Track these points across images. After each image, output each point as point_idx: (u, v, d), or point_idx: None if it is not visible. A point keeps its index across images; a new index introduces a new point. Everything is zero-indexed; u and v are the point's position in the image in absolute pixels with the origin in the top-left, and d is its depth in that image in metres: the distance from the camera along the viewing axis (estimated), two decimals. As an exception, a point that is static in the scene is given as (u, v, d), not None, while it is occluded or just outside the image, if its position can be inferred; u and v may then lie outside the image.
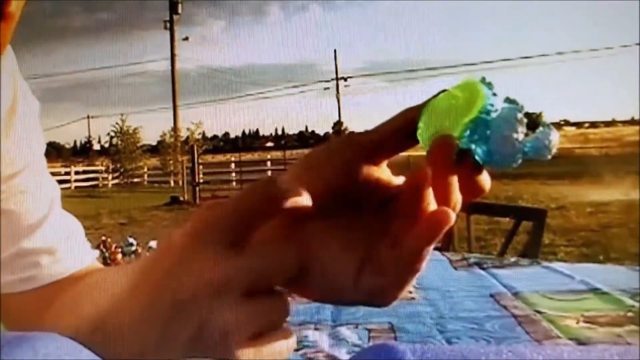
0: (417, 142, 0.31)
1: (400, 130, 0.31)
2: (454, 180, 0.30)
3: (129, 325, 0.28)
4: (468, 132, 0.29)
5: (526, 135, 0.30)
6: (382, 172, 0.33)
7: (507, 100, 0.30)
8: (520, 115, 0.30)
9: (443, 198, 0.30)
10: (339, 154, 0.32)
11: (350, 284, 0.31)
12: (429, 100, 0.31)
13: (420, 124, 0.31)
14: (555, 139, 0.30)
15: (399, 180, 0.33)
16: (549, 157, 0.30)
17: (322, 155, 0.33)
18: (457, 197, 0.30)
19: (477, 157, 0.30)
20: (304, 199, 0.30)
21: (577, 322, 0.80)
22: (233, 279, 0.28)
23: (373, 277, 0.31)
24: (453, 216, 0.29)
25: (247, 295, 0.28)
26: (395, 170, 0.33)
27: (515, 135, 0.29)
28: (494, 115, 0.29)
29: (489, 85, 0.30)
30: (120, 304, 0.29)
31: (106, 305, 0.29)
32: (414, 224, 0.30)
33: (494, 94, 0.30)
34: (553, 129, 0.30)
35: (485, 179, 0.31)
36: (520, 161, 0.30)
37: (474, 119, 0.29)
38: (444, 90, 0.31)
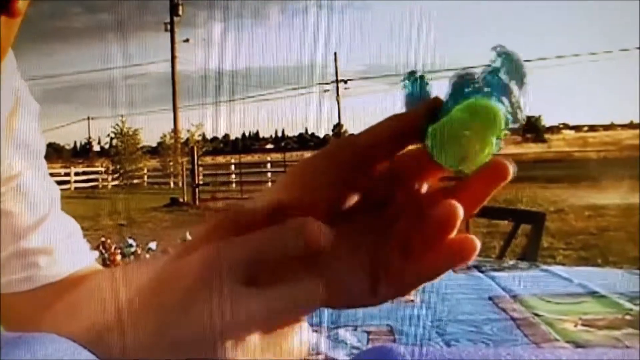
0: (413, 142, 0.31)
1: (395, 134, 0.31)
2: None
3: (135, 346, 0.27)
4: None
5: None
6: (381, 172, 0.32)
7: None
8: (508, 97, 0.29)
9: (471, 208, 0.29)
10: (334, 157, 0.31)
11: (366, 291, 0.31)
12: (427, 110, 0.30)
13: (434, 149, 0.29)
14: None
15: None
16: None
17: (318, 160, 0.32)
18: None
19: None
20: (328, 235, 0.28)
21: (575, 325, 0.80)
22: (253, 320, 0.27)
23: (388, 287, 0.31)
24: (478, 244, 0.29)
25: (267, 332, 0.27)
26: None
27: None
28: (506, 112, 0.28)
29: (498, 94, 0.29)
30: (127, 321, 0.28)
31: (111, 316, 0.28)
32: (421, 225, 0.29)
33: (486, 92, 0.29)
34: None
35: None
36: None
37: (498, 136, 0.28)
38: (439, 102, 0.30)
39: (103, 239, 2.49)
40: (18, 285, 0.46)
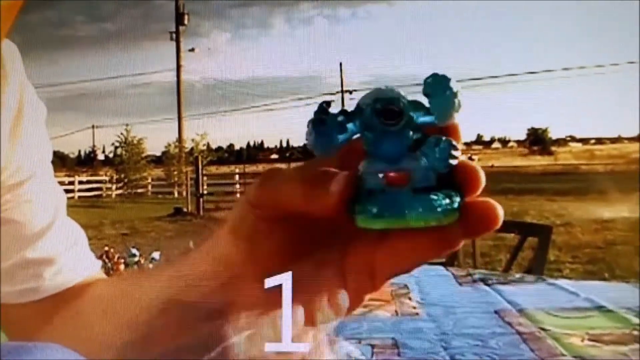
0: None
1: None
2: None
3: None
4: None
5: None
6: None
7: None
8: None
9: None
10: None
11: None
12: None
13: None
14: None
15: None
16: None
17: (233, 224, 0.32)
18: None
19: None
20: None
21: (582, 340, 0.79)
22: None
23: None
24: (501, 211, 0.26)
25: None
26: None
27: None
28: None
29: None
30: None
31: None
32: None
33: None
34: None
35: None
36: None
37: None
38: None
39: (106, 248, 2.49)
40: (22, 297, 0.45)
